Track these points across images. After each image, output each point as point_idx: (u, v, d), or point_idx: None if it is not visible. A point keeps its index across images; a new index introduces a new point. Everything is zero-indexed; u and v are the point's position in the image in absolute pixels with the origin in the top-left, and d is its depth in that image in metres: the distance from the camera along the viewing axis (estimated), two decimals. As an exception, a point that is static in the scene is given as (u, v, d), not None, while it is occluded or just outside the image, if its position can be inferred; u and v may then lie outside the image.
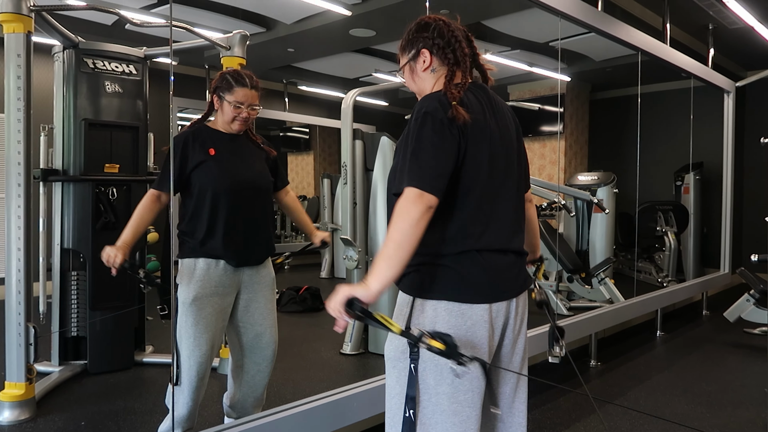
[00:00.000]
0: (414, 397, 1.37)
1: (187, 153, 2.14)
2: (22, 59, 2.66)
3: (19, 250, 2.66)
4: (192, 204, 2.17)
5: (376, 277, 1.29)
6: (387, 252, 1.30)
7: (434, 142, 1.34)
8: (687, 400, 3.28)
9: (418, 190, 1.30)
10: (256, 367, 2.28)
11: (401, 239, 1.29)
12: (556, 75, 7.16)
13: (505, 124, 1.51)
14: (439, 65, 1.49)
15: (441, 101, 1.38)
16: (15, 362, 2.64)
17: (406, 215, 1.29)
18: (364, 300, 1.27)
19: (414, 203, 1.29)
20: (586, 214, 5.78)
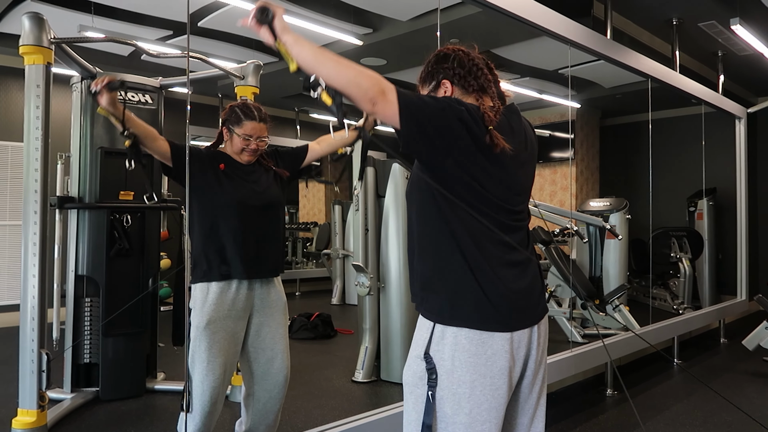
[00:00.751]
0: (430, 425, 1.35)
1: (202, 159, 2.20)
2: (41, 89, 2.71)
3: (34, 277, 2.68)
4: (201, 221, 2.19)
5: (297, 39, 1.29)
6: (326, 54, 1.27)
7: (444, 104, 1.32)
8: (707, 429, 3.20)
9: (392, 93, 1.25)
10: (268, 394, 2.27)
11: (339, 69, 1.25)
12: (567, 102, 7.20)
13: (528, 148, 1.50)
14: (462, 94, 1.47)
15: (470, 107, 1.34)
16: (28, 389, 2.64)
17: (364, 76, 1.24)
18: (273, 25, 1.29)
19: (376, 86, 1.24)
20: (598, 241, 5.74)
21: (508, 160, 1.39)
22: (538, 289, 1.49)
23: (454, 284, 1.38)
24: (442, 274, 1.39)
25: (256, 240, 2.22)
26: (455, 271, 1.38)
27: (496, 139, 1.33)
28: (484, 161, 1.35)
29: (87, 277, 3.44)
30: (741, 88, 7.25)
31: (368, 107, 1.25)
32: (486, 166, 1.36)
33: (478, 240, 1.37)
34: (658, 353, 4.88)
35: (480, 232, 1.38)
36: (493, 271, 1.37)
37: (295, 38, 1.29)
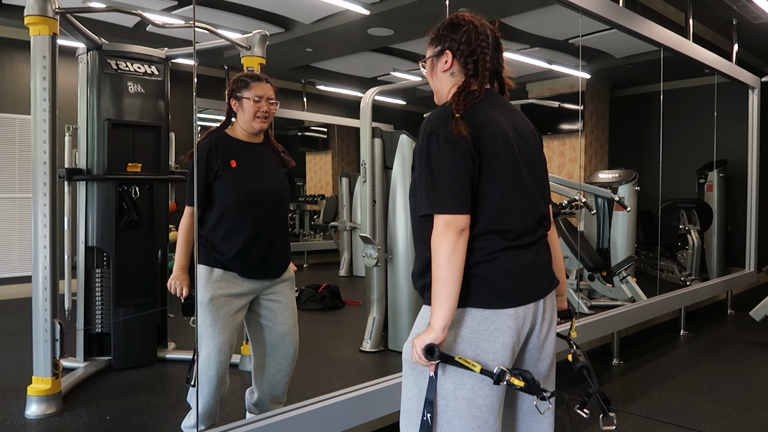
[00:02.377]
0: (432, 401, 1.35)
1: (211, 163, 2.15)
2: (47, 60, 2.70)
3: (45, 248, 2.71)
4: (213, 215, 2.18)
5: (436, 318, 1.32)
6: (436, 292, 1.32)
7: (444, 160, 1.33)
8: (712, 400, 3.23)
9: (444, 218, 1.31)
10: (278, 366, 2.30)
11: (443, 276, 1.30)
12: (577, 72, 7.09)
13: (525, 132, 1.48)
14: (459, 72, 1.48)
15: (445, 117, 1.37)
16: (42, 357, 2.69)
17: (440, 250, 1.31)
18: (436, 342, 1.31)
19: (444, 234, 1.31)
20: (607, 213, 5.71)
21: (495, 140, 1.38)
22: (545, 261, 1.48)
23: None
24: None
25: (265, 242, 2.20)
26: None
27: (456, 126, 1.33)
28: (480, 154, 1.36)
29: (97, 249, 3.48)
30: (755, 57, 7.11)
31: (466, 235, 1.33)
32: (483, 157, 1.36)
33: (478, 222, 1.36)
34: (664, 324, 4.90)
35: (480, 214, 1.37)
36: (496, 252, 1.36)
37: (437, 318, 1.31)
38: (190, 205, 2.15)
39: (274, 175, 2.29)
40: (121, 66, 3.53)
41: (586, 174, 7.67)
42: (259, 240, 2.18)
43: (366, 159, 3.83)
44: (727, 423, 2.90)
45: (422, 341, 1.31)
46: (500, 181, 1.38)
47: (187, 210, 2.18)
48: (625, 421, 2.93)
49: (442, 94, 1.52)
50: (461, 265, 1.31)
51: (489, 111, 1.41)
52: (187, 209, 2.17)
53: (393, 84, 6.17)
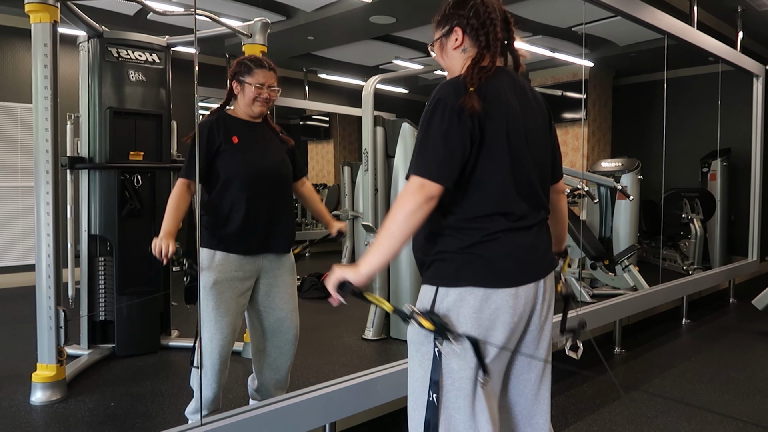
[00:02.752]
0: (437, 381, 1.36)
1: (212, 138, 2.16)
2: (48, 48, 2.70)
3: (48, 236, 2.71)
4: (214, 194, 2.18)
5: (366, 263, 1.34)
6: (379, 240, 1.33)
7: (443, 130, 1.32)
8: (714, 388, 3.24)
9: (420, 180, 1.31)
10: (278, 351, 2.31)
11: (394, 230, 1.31)
12: (580, 61, 7.06)
13: (534, 112, 1.47)
14: (470, 46, 1.46)
15: (457, 88, 1.36)
16: (46, 344, 2.71)
17: (402, 205, 1.31)
18: (354, 282, 1.33)
19: (413, 194, 1.30)
20: (609, 201, 5.70)
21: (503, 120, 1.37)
22: (545, 242, 1.49)
23: (455, 246, 1.38)
24: (444, 241, 1.39)
25: (267, 217, 2.21)
26: (456, 233, 1.38)
27: (467, 99, 1.32)
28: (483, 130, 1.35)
29: (100, 237, 3.49)
30: (760, 45, 7.06)
31: (433, 204, 1.32)
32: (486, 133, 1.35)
33: (480, 200, 1.37)
34: (666, 313, 4.91)
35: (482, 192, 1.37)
36: (498, 233, 1.37)
37: (365, 265, 1.34)
38: (184, 177, 2.15)
39: (275, 152, 2.30)
40: (122, 54, 3.52)
41: (588, 163, 7.65)
42: (261, 214, 2.19)
43: (368, 147, 3.83)
44: (729, 411, 2.92)
45: (342, 273, 1.34)
46: (504, 163, 1.38)
47: (180, 181, 2.16)
48: (626, 408, 2.94)
49: (454, 71, 1.49)
50: (413, 229, 1.32)
51: (500, 90, 1.40)
52: (181, 181, 2.16)
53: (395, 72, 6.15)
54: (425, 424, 1.37)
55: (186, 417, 2.30)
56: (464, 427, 1.37)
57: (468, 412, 1.36)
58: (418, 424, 1.40)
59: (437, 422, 1.37)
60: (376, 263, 1.34)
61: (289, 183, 2.35)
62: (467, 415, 1.36)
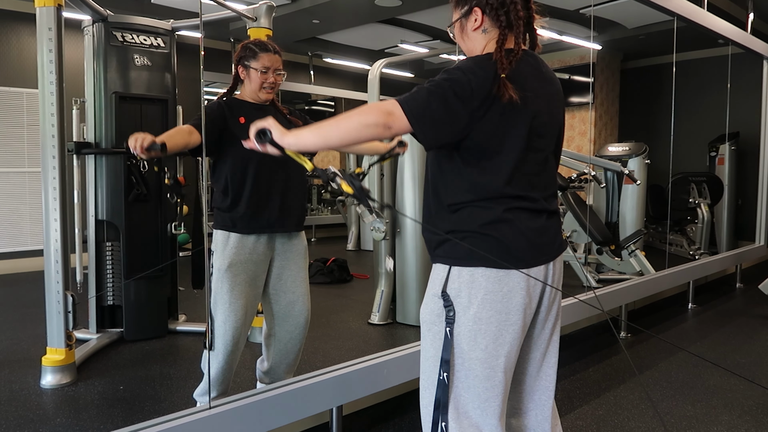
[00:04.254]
0: (448, 360, 1.38)
1: (221, 116, 2.16)
2: (53, 32, 2.69)
3: (55, 221, 2.72)
4: (224, 176, 2.18)
5: (297, 134, 1.34)
6: (324, 126, 1.32)
7: (446, 95, 1.29)
8: (720, 372, 3.24)
9: (399, 110, 1.28)
10: (289, 335, 2.32)
11: (343, 127, 1.30)
12: (588, 44, 6.98)
13: (552, 95, 1.46)
14: (491, 26, 1.42)
15: (481, 65, 1.33)
16: (55, 329, 2.73)
17: (366, 114, 1.29)
18: (275, 138, 1.34)
19: (380, 111, 1.28)
20: (616, 186, 5.67)
21: (525, 106, 1.35)
22: (555, 226, 1.49)
23: (468, 226, 1.38)
24: (457, 221, 1.38)
25: (280, 195, 2.22)
26: (469, 213, 1.38)
27: (503, 88, 1.29)
28: (501, 114, 1.33)
29: (107, 222, 3.50)
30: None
31: (387, 134, 1.29)
32: (502, 119, 1.33)
33: (493, 182, 1.36)
34: (672, 298, 4.90)
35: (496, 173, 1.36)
36: (510, 215, 1.37)
37: (295, 135, 1.34)
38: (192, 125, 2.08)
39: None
40: (127, 38, 3.50)
41: (595, 147, 7.61)
42: (272, 191, 2.20)
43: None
44: (735, 395, 2.92)
45: (268, 126, 1.34)
46: (520, 147, 1.36)
47: (182, 125, 2.13)
48: (632, 391, 2.95)
49: (475, 54, 1.46)
50: (355, 140, 1.30)
51: (524, 75, 1.37)
52: (186, 125, 2.09)
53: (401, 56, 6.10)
54: (435, 402, 1.39)
55: (194, 399, 2.33)
56: (473, 406, 1.38)
57: (477, 392, 1.38)
58: (428, 402, 1.41)
59: (447, 401, 1.38)
60: (305, 142, 1.33)
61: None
62: (476, 394, 1.38)
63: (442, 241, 1.41)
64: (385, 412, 2.69)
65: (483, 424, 1.39)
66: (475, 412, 1.38)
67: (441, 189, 1.42)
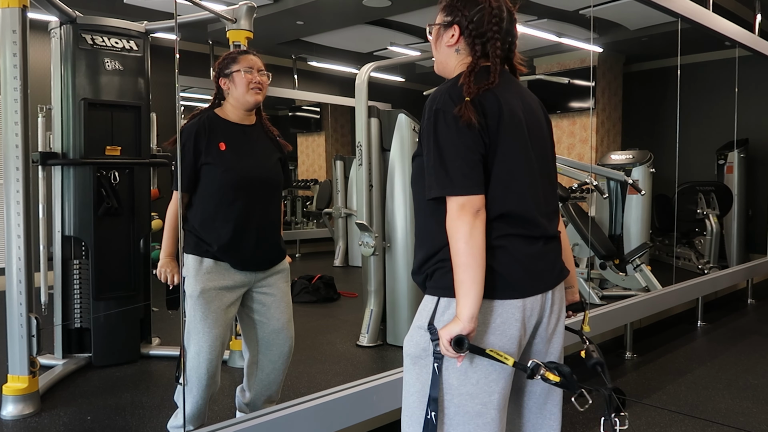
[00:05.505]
0: (437, 398, 1.37)
1: (198, 146, 2.12)
2: (17, 35, 2.68)
3: (19, 237, 2.70)
4: (200, 202, 2.17)
5: (462, 306, 1.31)
6: (459, 278, 1.32)
7: (454, 138, 1.33)
8: (731, 394, 3.26)
9: (457, 200, 1.31)
10: (272, 365, 2.30)
11: (465, 261, 1.31)
12: (588, 46, 7.07)
13: (537, 120, 1.49)
14: (465, 51, 1.47)
15: (452, 94, 1.36)
16: (17, 355, 2.70)
17: (457, 234, 1.31)
18: (464, 333, 1.30)
19: (459, 217, 1.31)
20: (620, 196, 5.72)
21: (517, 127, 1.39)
22: (555, 251, 1.49)
23: None
24: (445, 249, 1.38)
25: (257, 228, 2.19)
26: None
27: (465, 110, 1.32)
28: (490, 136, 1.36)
29: (74, 238, 3.47)
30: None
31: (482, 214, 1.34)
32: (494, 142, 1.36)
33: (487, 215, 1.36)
34: (680, 315, 4.93)
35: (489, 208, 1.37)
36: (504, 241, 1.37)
37: (463, 307, 1.31)
38: (176, 190, 2.13)
39: (266, 158, 2.27)
40: (97, 41, 3.50)
41: (597, 155, 7.66)
42: (250, 229, 2.18)
43: (362, 140, 3.82)
44: (747, 419, 2.93)
45: (449, 332, 1.31)
46: (509, 172, 1.38)
47: (174, 196, 2.17)
48: (639, 417, 2.96)
49: (445, 67, 1.51)
50: (482, 248, 1.32)
51: (501, 97, 1.39)
52: (175, 195, 2.17)
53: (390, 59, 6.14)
54: None
55: (169, 431, 2.30)
56: None
57: (468, 430, 1.37)
58: None
59: None
60: (471, 302, 1.31)
61: (279, 190, 2.33)
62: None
63: (432, 272, 1.41)
64: (375, 442, 2.67)
65: None
66: None
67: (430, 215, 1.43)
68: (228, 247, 2.15)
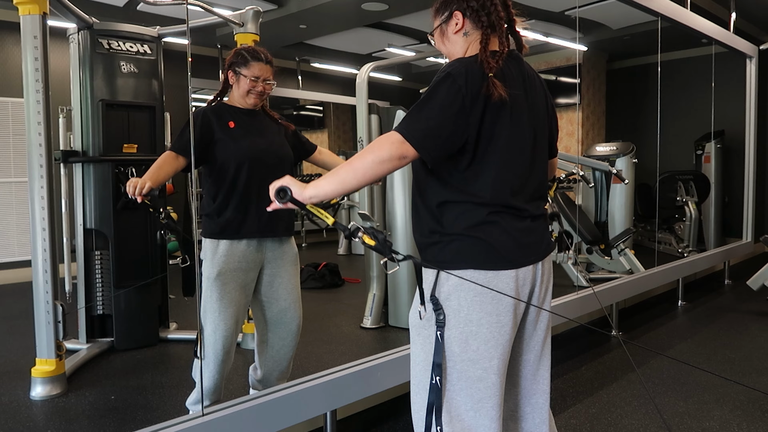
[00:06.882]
0: (440, 364, 1.37)
1: (208, 125, 2.15)
2: (39, 41, 2.67)
3: (44, 230, 2.70)
4: (213, 181, 2.18)
5: (315, 186, 1.34)
6: (340, 172, 1.33)
7: (443, 105, 1.31)
8: (710, 368, 3.27)
9: (401, 139, 1.30)
10: (281, 342, 2.32)
11: (358, 168, 1.31)
12: (574, 45, 7.04)
13: (537, 95, 1.48)
14: (472, 29, 1.44)
15: (469, 68, 1.33)
16: (45, 339, 2.70)
17: (376, 151, 1.30)
18: (296, 196, 1.35)
19: (391, 144, 1.29)
20: (604, 185, 5.72)
21: (511, 109, 1.37)
22: (542, 227, 1.49)
23: (455, 232, 1.38)
24: (442, 224, 1.39)
25: (267, 199, 2.20)
26: (455, 217, 1.38)
27: (492, 87, 1.30)
28: (490, 117, 1.34)
29: (95, 231, 3.47)
30: (753, 26, 7.06)
31: (403, 164, 1.32)
32: (490, 122, 1.34)
33: (479, 185, 1.37)
34: (662, 296, 4.94)
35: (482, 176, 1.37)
36: (496, 217, 1.37)
37: (314, 187, 1.35)
38: (173, 151, 2.10)
39: (273, 135, 2.30)
40: (113, 45, 3.49)
41: (583, 147, 7.66)
42: (261, 196, 2.18)
43: (363, 136, 3.82)
44: (726, 390, 2.95)
45: (286, 184, 1.35)
46: (505, 151, 1.38)
47: (167, 152, 2.12)
48: (624, 389, 2.97)
49: (457, 57, 1.46)
50: (374, 177, 1.32)
51: (507, 77, 1.38)
52: (169, 152, 2.11)
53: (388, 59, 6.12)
54: (428, 406, 1.39)
55: (187, 408, 2.32)
56: (465, 408, 1.38)
57: (470, 394, 1.38)
58: (420, 407, 1.41)
59: (440, 405, 1.38)
60: (325, 191, 1.34)
61: (288, 165, 2.33)
62: (468, 396, 1.38)
63: (430, 245, 1.42)
64: (380, 416, 2.69)
65: (477, 427, 1.38)
66: (468, 414, 1.38)
67: (427, 191, 1.43)
68: (240, 216, 2.16)
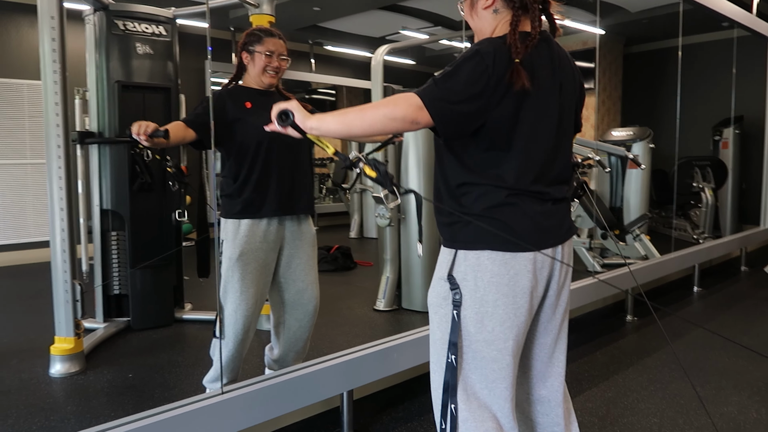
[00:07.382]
0: (456, 343, 1.37)
1: (224, 106, 2.15)
2: (56, 21, 2.66)
3: (62, 210, 2.72)
4: (232, 161, 2.18)
5: (320, 119, 1.32)
6: (349, 114, 1.31)
7: (468, 80, 1.27)
8: (727, 354, 3.25)
9: (420, 104, 1.26)
10: (298, 323, 2.33)
11: (368, 117, 1.29)
12: (592, 28, 6.93)
13: (567, 80, 1.43)
14: (503, 7, 1.38)
15: (498, 50, 1.29)
16: (63, 318, 2.73)
17: (392, 105, 1.27)
18: (297, 121, 1.33)
19: (409, 105, 1.25)
20: (620, 171, 5.66)
21: (537, 94, 1.33)
22: (563, 210, 1.47)
23: (475, 212, 1.36)
24: (462, 203, 1.37)
25: (289, 178, 2.22)
26: (476, 197, 1.36)
27: (516, 75, 1.27)
28: (514, 101, 1.30)
29: (112, 212, 3.49)
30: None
31: (413, 128, 1.28)
32: (514, 105, 1.31)
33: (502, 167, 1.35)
34: (677, 281, 4.90)
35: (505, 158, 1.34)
36: (516, 199, 1.35)
37: (318, 119, 1.33)
38: (185, 122, 2.08)
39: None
40: (128, 26, 3.48)
41: (598, 133, 7.58)
42: (280, 174, 2.20)
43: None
44: (743, 377, 2.92)
45: (290, 108, 1.33)
46: (531, 136, 1.35)
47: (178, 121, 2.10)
48: (640, 374, 2.96)
49: (484, 34, 1.42)
50: (380, 131, 1.29)
51: (538, 61, 1.34)
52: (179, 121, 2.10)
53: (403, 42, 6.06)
54: (444, 384, 1.39)
55: (204, 386, 2.33)
56: (480, 387, 1.38)
57: (484, 374, 1.38)
58: (438, 385, 1.42)
59: (455, 383, 1.38)
60: (328, 127, 1.32)
61: (305, 144, 2.33)
62: (483, 376, 1.38)
63: (449, 224, 1.41)
64: (396, 396, 2.69)
65: (492, 404, 1.39)
66: (483, 392, 1.38)
67: (448, 171, 1.41)
68: (260, 194, 2.16)
